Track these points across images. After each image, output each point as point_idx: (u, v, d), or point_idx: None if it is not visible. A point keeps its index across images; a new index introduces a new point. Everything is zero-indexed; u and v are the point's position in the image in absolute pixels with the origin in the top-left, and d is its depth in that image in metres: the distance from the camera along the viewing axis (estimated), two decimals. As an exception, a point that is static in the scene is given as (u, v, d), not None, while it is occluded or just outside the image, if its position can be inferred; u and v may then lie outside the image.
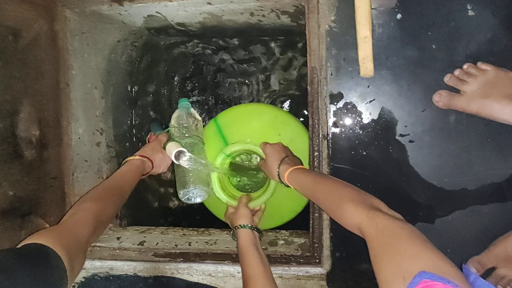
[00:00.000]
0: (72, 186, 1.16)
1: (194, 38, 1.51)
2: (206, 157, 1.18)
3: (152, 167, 1.07)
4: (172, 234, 1.20)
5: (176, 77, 1.59)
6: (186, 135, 1.16)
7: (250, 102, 1.58)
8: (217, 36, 1.49)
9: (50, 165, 1.09)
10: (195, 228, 1.23)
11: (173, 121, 1.20)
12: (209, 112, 1.61)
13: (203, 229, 1.22)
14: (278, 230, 1.18)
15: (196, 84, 1.59)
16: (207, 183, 1.14)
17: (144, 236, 1.19)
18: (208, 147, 1.21)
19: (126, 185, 0.96)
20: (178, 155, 1.07)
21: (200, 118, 1.25)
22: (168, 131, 1.20)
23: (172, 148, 1.07)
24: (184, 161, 1.06)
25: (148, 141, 1.21)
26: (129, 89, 1.49)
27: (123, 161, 1.03)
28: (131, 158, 1.03)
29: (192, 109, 1.25)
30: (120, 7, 1.09)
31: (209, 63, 1.57)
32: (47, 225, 1.07)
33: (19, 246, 0.65)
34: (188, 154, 1.07)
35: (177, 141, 1.12)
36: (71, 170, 1.15)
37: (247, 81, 1.57)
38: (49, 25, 1.09)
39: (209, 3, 1.08)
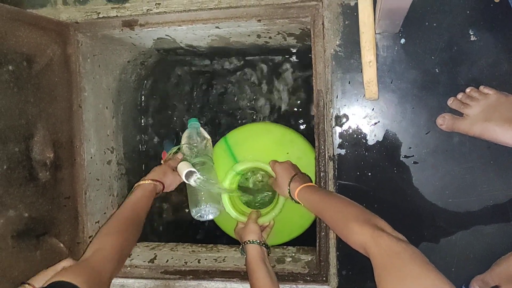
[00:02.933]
0: (85, 205, 1.19)
1: (202, 57, 1.54)
2: (216, 176, 1.21)
3: (163, 189, 1.09)
4: (181, 250, 1.23)
5: (184, 95, 1.62)
6: (196, 154, 1.19)
7: (258, 120, 1.61)
8: (225, 56, 1.53)
9: (64, 185, 1.12)
10: (204, 244, 1.26)
11: (183, 141, 1.24)
12: (216, 129, 1.64)
13: (212, 245, 1.25)
14: (285, 247, 1.21)
15: (204, 102, 1.62)
16: (218, 200, 1.17)
17: (155, 253, 1.22)
18: (218, 165, 1.25)
19: (142, 212, 0.98)
20: (189, 175, 1.09)
21: (209, 137, 1.28)
22: (179, 149, 1.23)
23: (183, 168, 1.10)
24: (194, 181, 1.09)
25: (162, 159, 1.23)
26: (138, 107, 1.52)
27: (135, 185, 1.05)
28: (142, 182, 1.05)
29: (201, 129, 1.28)
30: (131, 31, 1.13)
31: (217, 81, 1.60)
32: (61, 245, 1.10)
33: (48, 283, 0.67)
34: (198, 174, 1.09)
35: (187, 161, 1.15)
36: (83, 190, 1.18)
37: (254, 97, 1.59)
38: (62, 50, 1.12)
39: (217, 27, 1.11)
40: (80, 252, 1.18)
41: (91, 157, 1.21)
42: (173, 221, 1.66)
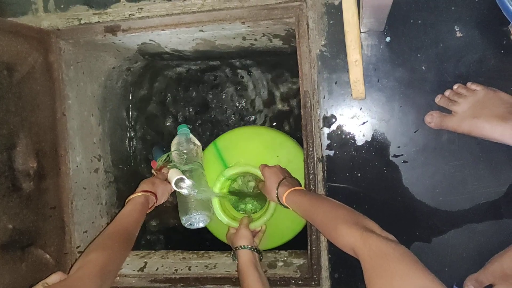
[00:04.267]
0: (71, 215, 1.17)
1: (188, 61, 1.53)
2: (207, 183, 1.20)
3: (156, 200, 1.06)
4: (172, 258, 1.21)
5: (171, 99, 1.61)
6: (186, 161, 1.18)
7: (247, 123, 1.59)
8: (211, 59, 1.51)
9: (49, 195, 1.10)
10: (195, 251, 1.24)
11: (173, 148, 1.22)
12: (205, 133, 1.62)
13: (203, 251, 1.23)
14: (277, 251, 1.19)
15: (192, 106, 1.61)
16: (208, 208, 1.15)
17: (145, 261, 1.19)
18: (208, 170, 1.23)
19: (132, 227, 0.94)
20: (179, 182, 1.07)
21: (199, 144, 1.27)
22: (168, 156, 1.21)
23: (173, 176, 1.08)
24: (184, 188, 1.07)
25: (152, 168, 1.21)
26: (125, 113, 1.50)
27: (126, 200, 1.02)
28: (133, 196, 1.02)
29: (191, 135, 1.27)
30: (114, 37, 1.11)
31: (204, 85, 1.59)
32: (48, 256, 1.08)
33: None
34: (188, 181, 1.08)
35: (177, 168, 1.13)
36: (70, 199, 1.16)
37: (243, 101, 1.58)
38: (43, 57, 1.10)
39: (201, 30, 1.09)
40: (67, 263, 1.16)
41: (77, 166, 1.19)
42: (164, 227, 1.64)
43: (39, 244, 1.06)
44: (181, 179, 1.07)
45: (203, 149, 1.29)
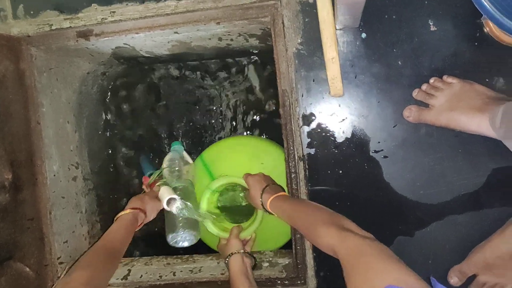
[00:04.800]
0: (50, 225, 1.14)
1: (165, 63, 1.51)
2: (196, 202, 1.20)
3: (145, 217, 1.04)
4: (156, 264, 1.19)
5: (150, 103, 1.58)
6: (177, 179, 1.16)
7: (231, 129, 1.59)
8: (188, 60, 1.49)
9: (26, 206, 1.07)
10: (179, 256, 1.22)
11: (165, 164, 1.21)
12: (188, 136, 1.60)
13: (187, 256, 1.22)
14: (262, 251, 1.18)
15: (170, 108, 1.59)
16: (196, 227, 1.13)
17: (128, 269, 1.17)
18: (197, 184, 1.24)
19: (119, 244, 0.92)
20: (170, 201, 1.06)
21: (192, 162, 1.26)
22: (160, 173, 1.20)
23: (165, 194, 1.06)
24: (175, 208, 1.05)
25: (143, 183, 1.19)
26: (103, 118, 1.47)
27: (115, 218, 0.99)
28: (122, 213, 1.00)
29: (184, 153, 1.26)
30: (87, 42, 1.09)
31: (184, 87, 1.57)
32: (27, 269, 1.05)
33: None
34: (180, 201, 1.06)
35: (168, 185, 1.12)
36: (48, 209, 1.13)
37: (222, 102, 1.57)
38: (14, 65, 1.07)
39: (176, 32, 1.08)
40: (48, 275, 1.13)
41: (54, 175, 1.17)
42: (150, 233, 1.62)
43: (18, 257, 1.03)
44: (173, 199, 1.06)
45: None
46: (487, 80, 0.92)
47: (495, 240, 0.88)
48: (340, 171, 0.99)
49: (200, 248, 1.26)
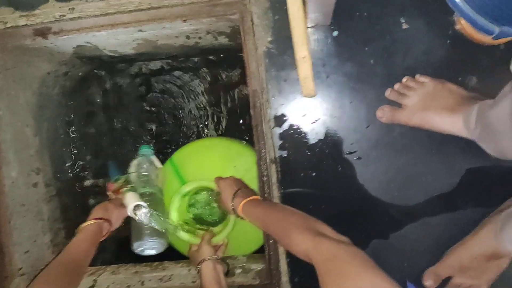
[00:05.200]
0: (10, 234, 1.07)
1: (131, 62, 1.45)
2: (164, 210, 1.15)
3: (111, 227, 0.99)
4: (123, 273, 1.14)
5: (116, 103, 1.52)
6: (145, 184, 1.12)
7: (202, 130, 1.54)
8: (155, 59, 1.44)
9: (-19, 217, 1.00)
10: (148, 263, 1.17)
11: (132, 169, 1.15)
12: (154, 137, 1.55)
13: (157, 263, 1.17)
14: (235, 256, 1.14)
15: (138, 109, 1.53)
16: (163, 234, 1.09)
17: (94, 279, 1.12)
18: (166, 189, 1.19)
19: (80, 258, 0.87)
20: (136, 209, 1.00)
21: (161, 167, 1.21)
22: (126, 178, 1.14)
23: (130, 201, 1.01)
24: (141, 216, 1.00)
25: (108, 189, 1.14)
26: (65, 121, 1.40)
27: (77, 229, 0.94)
28: (85, 224, 0.94)
29: (153, 157, 1.21)
30: (45, 40, 1.02)
31: (150, 86, 1.51)
32: (-17, 284, 0.98)
33: None
34: (146, 209, 1.01)
35: (135, 191, 1.07)
36: (7, 218, 1.06)
37: (193, 102, 1.52)
38: (-34, 66, 1.00)
39: (140, 30, 1.02)
40: (9, 287, 1.06)
41: (13, 182, 1.10)
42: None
43: (-28, 271, 0.97)
44: (139, 206, 1.00)
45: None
46: (459, 78, 0.91)
47: (470, 241, 0.87)
48: (314, 174, 0.96)
49: (170, 254, 1.22)
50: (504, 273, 0.86)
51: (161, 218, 1.04)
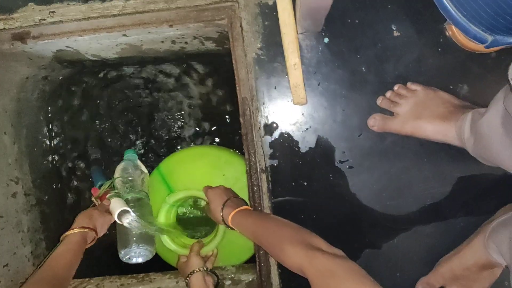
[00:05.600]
0: (-13, 248, 1.02)
1: (113, 67, 1.41)
2: (152, 214, 1.12)
3: (96, 235, 0.95)
4: (108, 285, 1.10)
5: (98, 108, 1.47)
6: (131, 189, 1.08)
7: (190, 135, 1.51)
8: (138, 64, 1.40)
9: (-44, 231, 0.95)
10: (134, 275, 1.13)
11: (117, 174, 1.12)
12: (139, 148, 1.51)
13: (143, 275, 1.13)
14: (224, 267, 1.12)
15: (121, 115, 1.49)
16: (151, 242, 1.06)
17: (78, 293, 1.08)
18: (153, 198, 1.15)
19: (63, 271, 0.83)
20: (122, 214, 0.97)
21: (146, 172, 1.18)
22: (111, 183, 1.11)
23: (116, 207, 0.98)
24: (127, 221, 0.97)
25: (92, 195, 1.10)
26: (45, 127, 1.35)
27: (61, 238, 0.90)
28: (69, 233, 0.90)
29: (138, 162, 1.18)
30: (24, 45, 0.98)
31: (133, 92, 1.47)
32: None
33: None
34: (132, 214, 0.97)
35: (120, 197, 1.03)
36: (-17, 232, 1.02)
37: (178, 109, 1.48)
38: None
39: (124, 35, 0.99)
40: (-13, 304, 1.02)
41: (-10, 193, 1.05)
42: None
43: None
44: (124, 211, 0.97)
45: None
46: (451, 87, 0.90)
47: (462, 251, 0.87)
48: (305, 183, 0.94)
49: (156, 264, 1.19)
50: (497, 283, 0.86)
51: (149, 223, 1.01)
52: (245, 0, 0.92)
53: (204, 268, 1.00)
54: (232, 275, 1.07)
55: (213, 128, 1.49)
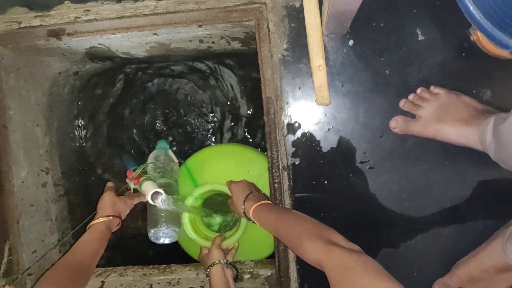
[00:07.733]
0: (19, 235, 1.07)
1: (142, 64, 1.45)
2: (181, 199, 1.16)
3: (121, 221, 1.00)
4: (131, 275, 1.14)
5: (126, 103, 1.52)
6: (162, 175, 1.14)
7: (213, 133, 1.54)
8: (166, 62, 1.44)
9: (-9, 217, 1.00)
10: (156, 266, 1.17)
11: (150, 160, 1.19)
12: (162, 135, 1.55)
13: (164, 266, 1.17)
14: (243, 261, 1.15)
15: (147, 110, 1.53)
16: (178, 223, 1.12)
17: (102, 281, 1.12)
18: (181, 192, 1.20)
19: (88, 259, 0.87)
20: (154, 195, 1.03)
21: (176, 161, 1.24)
22: (145, 168, 1.17)
23: (149, 188, 1.03)
24: (159, 202, 1.03)
25: (127, 177, 1.15)
26: (74, 121, 1.40)
27: (87, 227, 0.95)
28: (94, 222, 0.95)
29: (170, 151, 1.24)
30: (58, 41, 1.02)
31: (160, 89, 1.51)
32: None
33: None
34: (164, 195, 1.03)
35: (153, 180, 1.09)
36: (15, 219, 1.06)
37: (204, 107, 1.52)
38: (-21, 66, 1.00)
39: (155, 34, 1.02)
40: (16, 286, 1.06)
41: (22, 182, 1.10)
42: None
43: (-18, 271, 0.97)
44: (157, 192, 1.03)
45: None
46: (474, 91, 0.91)
47: (480, 253, 0.88)
48: (326, 182, 0.96)
49: (178, 258, 1.22)
50: (514, 286, 0.87)
51: (179, 202, 1.08)
52: (272, 2, 0.94)
53: (224, 260, 1.02)
54: (251, 269, 1.09)
55: (238, 126, 1.52)
